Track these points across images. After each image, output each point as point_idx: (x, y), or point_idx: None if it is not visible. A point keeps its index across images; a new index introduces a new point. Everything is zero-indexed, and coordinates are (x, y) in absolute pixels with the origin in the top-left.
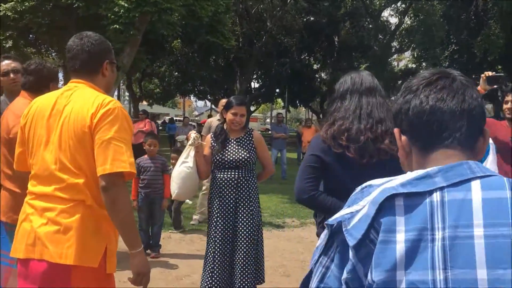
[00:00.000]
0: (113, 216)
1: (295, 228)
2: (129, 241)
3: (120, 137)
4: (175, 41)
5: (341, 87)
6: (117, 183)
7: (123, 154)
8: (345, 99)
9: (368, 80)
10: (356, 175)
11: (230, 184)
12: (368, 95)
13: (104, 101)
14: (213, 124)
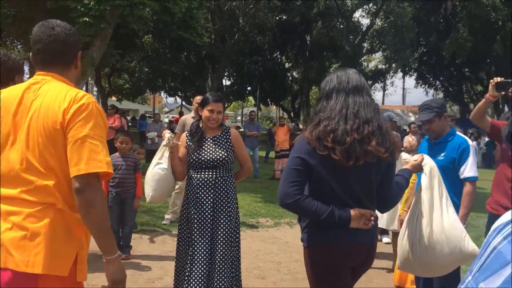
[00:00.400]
0: (87, 220)
1: (269, 228)
2: (105, 246)
3: (96, 134)
4: (146, 36)
5: (327, 85)
6: (92, 185)
7: (99, 153)
8: (331, 98)
9: (355, 79)
10: (342, 178)
11: (207, 185)
12: (355, 94)
13: (77, 96)
14: (188, 122)
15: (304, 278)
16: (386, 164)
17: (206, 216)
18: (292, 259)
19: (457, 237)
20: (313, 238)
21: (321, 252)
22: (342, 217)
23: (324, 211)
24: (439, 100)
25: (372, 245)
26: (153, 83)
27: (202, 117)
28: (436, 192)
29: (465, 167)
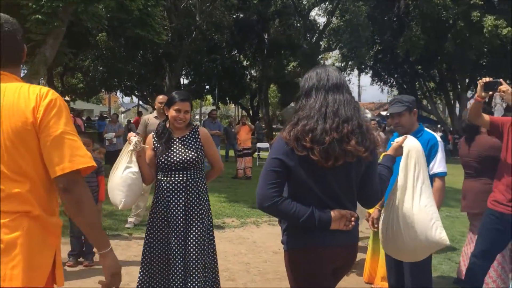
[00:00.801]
0: (79, 219)
1: (236, 228)
2: (98, 241)
3: (71, 130)
4: (100, 35)
5: (306, 83)
6: (78, 182)
7: (80, 148)
8: (310, 96)
9: (335, 76)
10: (321, 179)
11: (178, 188)
12: (335, 92)
13: (42, 92)
14: (150, 122)
15: (274, 279)
16: (367, 163)
17: (179, 220)
18: (261, 259)
19: (424, 224)
20: (293, 241)
21: (301, 255)
22: (322, 219)
23: (303, 214)
24: (410, 97)
25: (353, 246)
26: (108, 82)
27: (169, 117)
28: (411, 174)
29: (434, 163)
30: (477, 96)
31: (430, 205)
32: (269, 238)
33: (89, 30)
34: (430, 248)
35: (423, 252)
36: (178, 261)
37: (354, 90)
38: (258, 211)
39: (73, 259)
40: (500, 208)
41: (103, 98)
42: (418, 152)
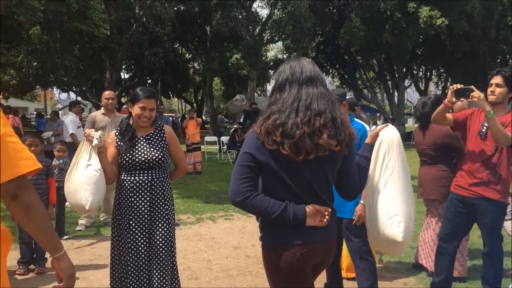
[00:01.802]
0: (30, 224)
1: (192, 225)
2: (51, 245)
3: (10, 131)
4: (33, 28)
5: (280, 76)
6: (26, 186)
7: (23, 151)
8: (284, 90)
9: (309, 69)
10: (294, 173)
11: (143, 188)
12: (309, 85)
13: None
14: (98, 119)
15: (238, 274)
16: (344, 156)
17: (143, 220)
18: (222, 255)
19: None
20: (270, 238)
21: (279, 252)
22: (297, 215)
23: (276, 209)
24: (341, 90)
25: (332, 241)
26: (44, 78)
27: (133, 114)
28: (379, 165)
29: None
30: (447, 101)
31: (392, 198)
32: (227, 233)
33: (22, 24)
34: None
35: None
36: (142, 264)
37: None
38: (213, 206)
39: (24, 266)
40: (462, 192)
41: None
42: (391, 142)
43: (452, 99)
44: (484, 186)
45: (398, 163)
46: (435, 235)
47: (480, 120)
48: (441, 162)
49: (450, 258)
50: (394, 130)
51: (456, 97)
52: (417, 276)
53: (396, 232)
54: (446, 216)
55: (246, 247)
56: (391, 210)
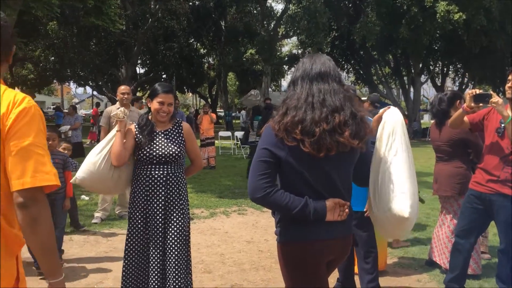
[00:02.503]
0: (32, 238)
1: (206, 219)
2: (50, 268)
3: (40, 142)
4: (50, 23)
5: (294, 72)
6: (38, 199)
7: (46, 164)
8: (297, 85)
9: (320, 65)
10: (313, 168)
11: (158, 182)
12: (319, 81)
13: (17, 99)
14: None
15: (251, 268)
16: (361, 151)
17: (158, 213)
18: (235, 249)
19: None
20: (287, 233)
21: (296, 248)
22: (317, 210)
23: (297, 205)
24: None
25: (348, 237)
26: (61, 73)
27: (151, 109)
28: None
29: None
30: (466, 106)
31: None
32: (241, 227)
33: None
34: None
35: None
36: (157, 258)
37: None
38: (227, 201)
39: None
40: (479, 188)
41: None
42: (394, 123)
43: (471, 104)
44: (501, 183)
45: (402, 143)
46: (449, 232)
47: (497, 118)
48: (457, 159)
49: (466, 254)
50: (397, 111)
51: (475, 102)
52: (430, 273)
53: (403, 208)
54: (463, 213)
55: (259, 242)
56: (397, 188)
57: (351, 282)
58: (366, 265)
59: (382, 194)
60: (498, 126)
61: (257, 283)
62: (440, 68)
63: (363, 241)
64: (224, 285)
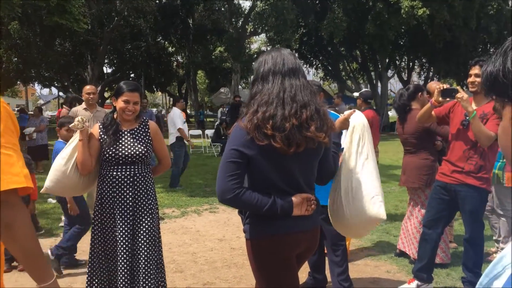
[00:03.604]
0: (11, 244)
1: (177, 218)
2: (37, 273)
3: (8, 142)
4: (12, 23)
5: (261, 67)
6: (11, 203)
7: (14, 165)
8: (267, 81)
9: (291, 60)
10: (282, 166)
11: (125, 183)
12: (291, 77)
13: None
14: (80, 114)
15: (223, 266)
16: (324, 147)
17: (127, 215)
18: (207, 248)
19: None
20: (256, 230)
21: (265, 243)
22: (285, 207)
23: (265, 203)
24: (318, 82)
25: (316, 230)
26: (25, 74)
27: (117, 108)
28: (354, 150)
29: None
30: (434, 101)
31: (371, 180)
32: (212, 226)
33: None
34: (370, 223)
35: (365, 227)
36: (125, 259)
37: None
38: (198, 200)
39: (6, 263)
40: (445, 179)
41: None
42: (363, 127)
43: (438, 98)
44: (466, 174)
45: (370, 147)
46: (418, 223)
47: (462, 110)
48: (424, 151)
49: (433, 244)
50: (362, 116)
51: (442, 97)
52: (399, 264)
53: (380, 211)
54: (430, 203)
55: (231, 239)
56: (372, 191)
57: (321, 275)
58: (335, 258)
59: (356, 198)
60: (463, 118)
61: (229, 280)
62: (406, 63)
63: (332, 234)
64: (196, 284)
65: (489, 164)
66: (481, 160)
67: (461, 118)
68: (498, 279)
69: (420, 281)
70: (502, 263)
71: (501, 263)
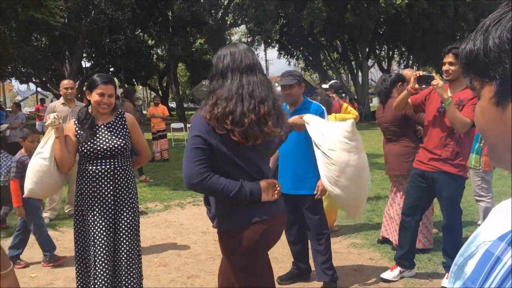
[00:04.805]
0: None
1: (160, 212)
2: None
3: None
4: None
5: (220, 63)
6: None
7: None
8: (227, 77)
9: (249, 57)
10: (242, 155)
11: (105, 177)
12: (249, 73)
13: None
14: (58, 109)
15: (207, 259)
16: (280, 140)
17: (108, 210)
18: (191, 241)
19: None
20: (229, 221)
21: (241, 233)
22: (254, 191)
23: (233, 188)
24: (300, 72)
25: (284, 215)
26: (1, 70)
27: (91, 101)
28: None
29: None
30: (410, 88)
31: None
32: (196, 219)
33: None
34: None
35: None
36: (107, 254)
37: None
38: (181, 193)
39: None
40: (422, 166)
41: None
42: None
43: (415, 85)
44: (443, 161)
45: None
46: (400, 210)
47: (438, 98)
48: (405, 138)
49: (412, 231)
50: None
51: (419, 84)
52: (382, 251)
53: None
54: (408, 191)
55: (215, 232)
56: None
57: (305, 265)
58: (319, 247)
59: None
60: (439, 105)
61: (213, 272)
62: (386, 52)
63: (315, 224)
64: (180, 277)
65: (466, 151)
66: (458, 147)
67: (438, 105)
68: (472, 258)
69: (403, 268)
70: (476, 242)
71: (474, 243)
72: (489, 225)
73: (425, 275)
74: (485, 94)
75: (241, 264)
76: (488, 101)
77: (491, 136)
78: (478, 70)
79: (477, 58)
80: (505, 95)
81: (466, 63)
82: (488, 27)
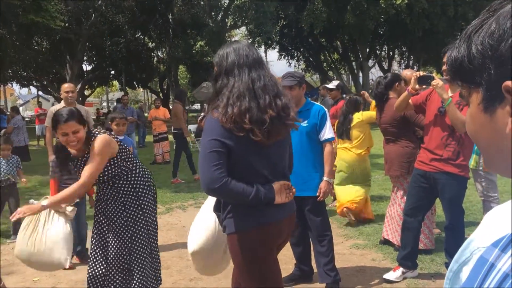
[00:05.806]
0: None
1: (162, 215)
2: None
3: None
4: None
5: (224, 61)
6: None
7: None
8: (233, 74)
9: (252, 52)
10: (261, 155)
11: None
12: (257, 68)
13: None
14: None
15: None
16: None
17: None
18: None
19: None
20: (241, 222)
21: (253, 234)
22: (268, 195)
23: (250, 191)
24: (301, 73)
25: (293, 215)
26: (2, 73)
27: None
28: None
29: (325, 131)
30: (410, 89)
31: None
32: None
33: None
34: None
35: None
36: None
37: None
38: (183, 195)
39: None
40: (424, 167)
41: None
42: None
43: (415, 86)
44: (445, 162)
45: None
46: (400, 210)
47: (439, 98)
48: (404, 138)
49: (415, 232)
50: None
51: (419, 84)
52: (384, 252)
53: None
54: (410, 192)
55: None
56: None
57: (308, 266)
58: (321, 248)
59: None
60: (440, 105)
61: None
62: (386, 52)
63: (317, 225)
64: (182, 280)
65: (467, 151)
66: (459, 147)
67: (438, 105)
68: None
69: (405, 269)
70: (470, 248)
71: (468, 249)
72: (482, 231)
73: (428, 276)
74: (473, 101)
75: (250, 266)
76: (477, 107)
77: (482, 142)
78: (464, 77)
79: (462, 65)
80: (492, 100)
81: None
82: (471, 34)
